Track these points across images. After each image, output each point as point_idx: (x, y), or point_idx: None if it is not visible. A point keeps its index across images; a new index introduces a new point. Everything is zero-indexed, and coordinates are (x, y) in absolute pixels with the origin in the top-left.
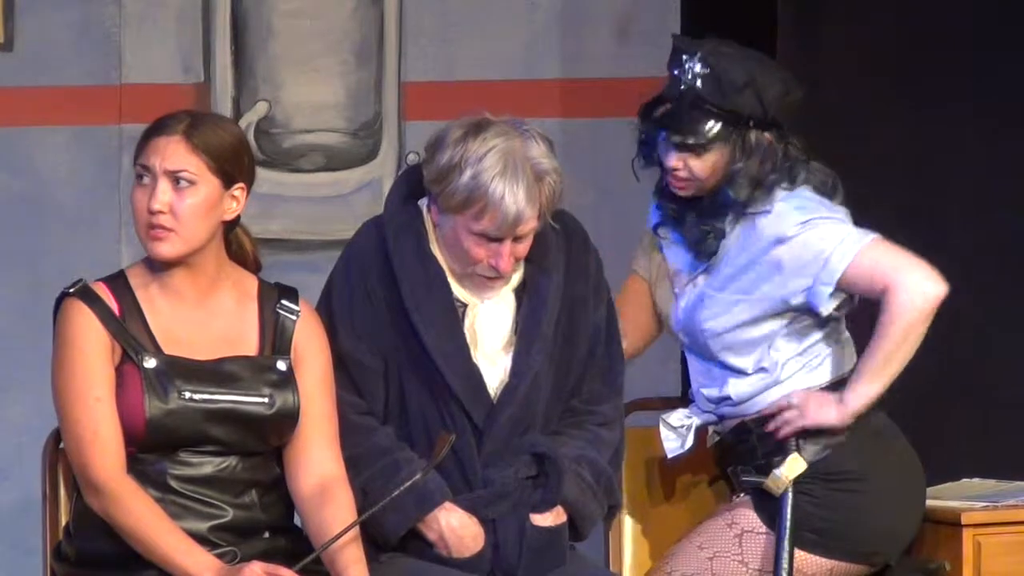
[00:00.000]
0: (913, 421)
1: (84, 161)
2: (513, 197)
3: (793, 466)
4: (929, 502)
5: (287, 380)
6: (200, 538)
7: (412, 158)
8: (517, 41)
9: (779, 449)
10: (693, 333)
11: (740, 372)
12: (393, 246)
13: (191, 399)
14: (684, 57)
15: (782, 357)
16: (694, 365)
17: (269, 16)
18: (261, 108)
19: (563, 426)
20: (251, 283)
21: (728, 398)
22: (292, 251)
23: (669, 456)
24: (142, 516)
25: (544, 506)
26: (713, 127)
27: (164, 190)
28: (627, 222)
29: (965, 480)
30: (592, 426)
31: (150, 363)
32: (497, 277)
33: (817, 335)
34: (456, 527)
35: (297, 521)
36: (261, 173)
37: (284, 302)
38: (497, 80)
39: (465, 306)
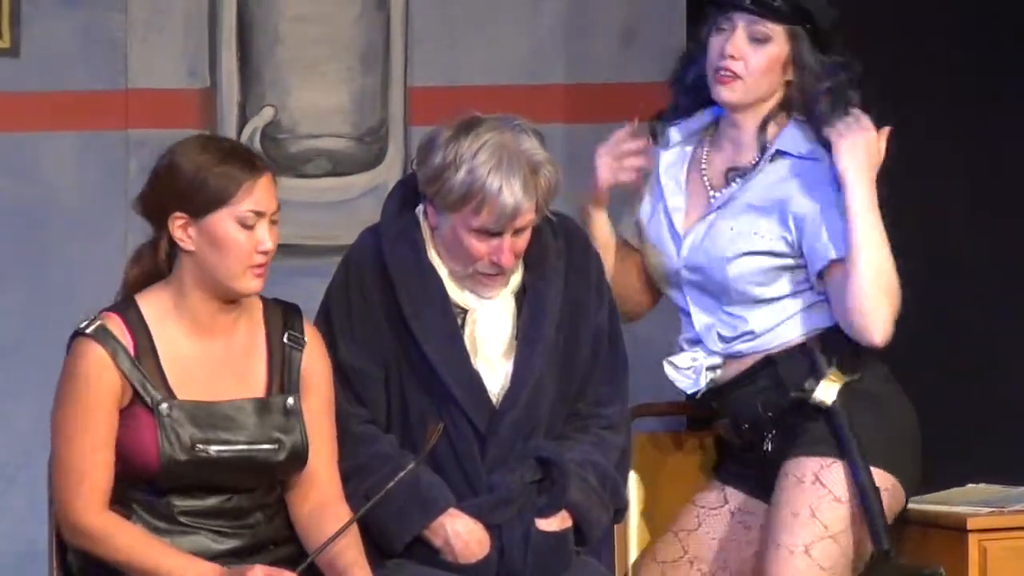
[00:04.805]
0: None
1: (90, 166)
2: (510, 189)
3: (836, 378)
4: (935, 507)
5: (296, 419)
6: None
7: None
8: (522, 46)
9: (811, 373)
10: (706, 267)
11: (761, 301)
12: (390, 254)
13: (205, 450)
14: None
15: (803, 286)
16: (702, 304)
17: (275, 21)
18: (267, 113)
19: (568, 430)
20: (255, 305)
21: (749, 332)
22: (298, 256)
23: (689, 393)
24: (134, 548)
25: (549, 511)
26: (782, 10)
27: (270, 230)
28: None
29: (971, 485)
30: (597, 429)
31: (164, 409)
32: (498, 274)
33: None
34: (462, 533)
35: None
36: None
37: (290, 332)
38: (502, 85)
39: (464, 312)
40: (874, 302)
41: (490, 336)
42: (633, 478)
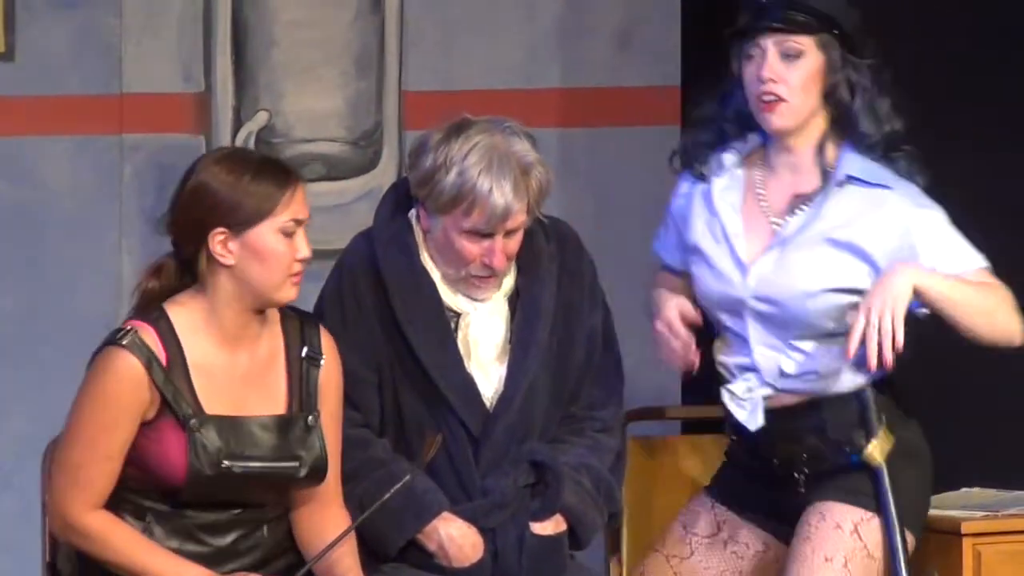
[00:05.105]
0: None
1: (85, 170)
2: (500, 190)
3: (887, 438)
4: (930, 511)
5: (316, 435)
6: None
7: None
8: (517, 50)
9: (861, 426)
10: (781, 300)
11: (831, 335)
12: (383, 259)
13: (231, 468)
14: None
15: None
16: (769, 335)
17: (270, 26)
18: (262, 118)
19: (563, 433)
20: (273, 316)
21: (814, 372)
22: None
23: (751, 429)
24: (128, 547)
25: (543, 514)
26: (808, 21)
27: (304, 238)
28: (626, 230)
29: (965, 489)
30: (592, 432)
31: (195, 423)
32: (491, 276)
33: None
34: (456, 536)
35: None
36: None
37: (308, 347)
38: (497, 89)
39: (458, 316)
40: (997, 330)
41: (483, 340)
42: (627, 483)
